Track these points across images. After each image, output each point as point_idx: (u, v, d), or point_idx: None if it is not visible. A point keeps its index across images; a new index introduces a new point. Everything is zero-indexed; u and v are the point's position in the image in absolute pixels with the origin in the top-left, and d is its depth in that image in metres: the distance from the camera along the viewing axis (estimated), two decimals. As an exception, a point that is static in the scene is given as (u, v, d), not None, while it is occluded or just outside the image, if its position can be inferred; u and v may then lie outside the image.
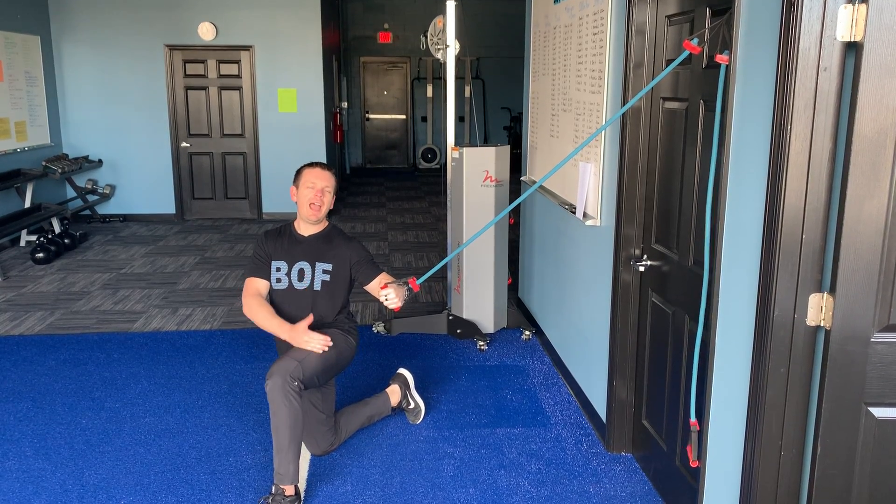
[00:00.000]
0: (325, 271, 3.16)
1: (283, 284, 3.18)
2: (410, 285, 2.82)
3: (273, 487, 2.88)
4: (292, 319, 3.13)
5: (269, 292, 3.23)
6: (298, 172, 3.20)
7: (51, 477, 3.13)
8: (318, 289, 3.17)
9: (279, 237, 3.26)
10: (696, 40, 2.24)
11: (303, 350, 2.99)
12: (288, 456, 2.86)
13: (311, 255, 3.19)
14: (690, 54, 2.54)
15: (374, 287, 3.19)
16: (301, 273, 3.17)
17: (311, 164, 3.21)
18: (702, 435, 2.40)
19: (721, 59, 2.12)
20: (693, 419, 2.38)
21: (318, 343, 2.96)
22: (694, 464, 2.41)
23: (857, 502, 1.96)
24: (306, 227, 3.23)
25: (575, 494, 3.01)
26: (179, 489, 3.04)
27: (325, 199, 3.16)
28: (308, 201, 3.13)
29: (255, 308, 3.12)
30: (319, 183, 3.14)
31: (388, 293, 2.78)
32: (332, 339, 3.07)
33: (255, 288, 3.18)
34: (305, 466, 3.22)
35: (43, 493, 3.00)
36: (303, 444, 3.31)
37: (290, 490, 2.87)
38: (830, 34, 1.77)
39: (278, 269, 3.19)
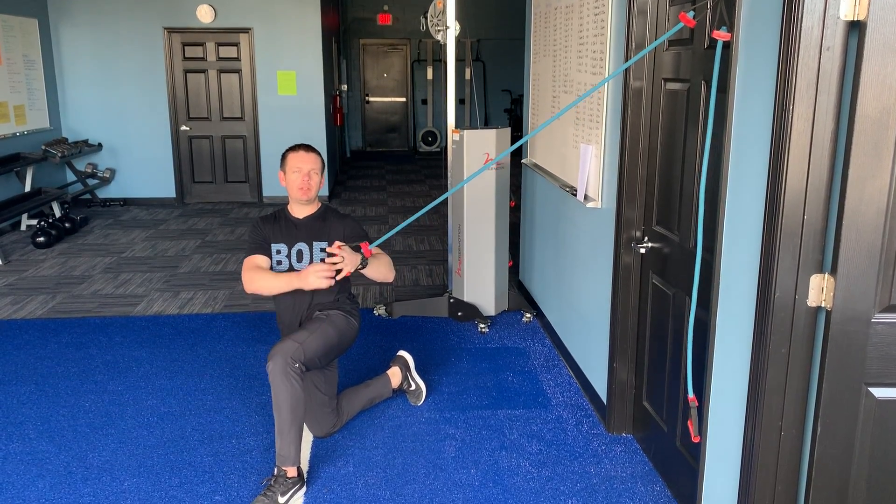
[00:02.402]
0: (322, 250, 3.17)
1: (284, 266, 3.19)
2: (363, 250, 2.78)
3: (275, 469, 2.89)
4: (294, 301, 3.17)
5: None
6: (284, 157, 3.20)
7: (54, 459, 3.15)
8: None
9: (275, 221, 3.26)
10: (692, 13, 2.22)
11: (304, 332, 3.00)
12: (289, 437, 2.88)
13: (308, 236, 3.20)
14: (692, 34, 2.53)
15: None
16: (300, 254, 3.18)
17: (295, 148, 3.20)
18: (702, 414, 2.41)
19: (719, 35, 2.10)
20: (691, 395, 2.39)
21: (324, 273, 2.94)
22: (695, 439, 2.42)
23: (856, 482, 1.97)
24: (300, 209, 3.24)
25: (576, 475, 3.03)
26: (182, 471, 3.06)
27: (312, 181, 3.15)
28: (297, 185, 3.14)
29: (257, 277, 3.08)
30: (305, 166, 3.13)
31: (336, 258, 2.76)
32: (333, 321, 3.10)
33: (254, 263, 3.14)
34: (308, 448, 3.23)
35: (47, 475, 3.03)
36: (305, 425, 3.33)
37: (292, 472, 2.89)
38: (833, 13, 1.76)
39: (278, 252, 3.19)
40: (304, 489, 2.93)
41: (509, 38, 12.72)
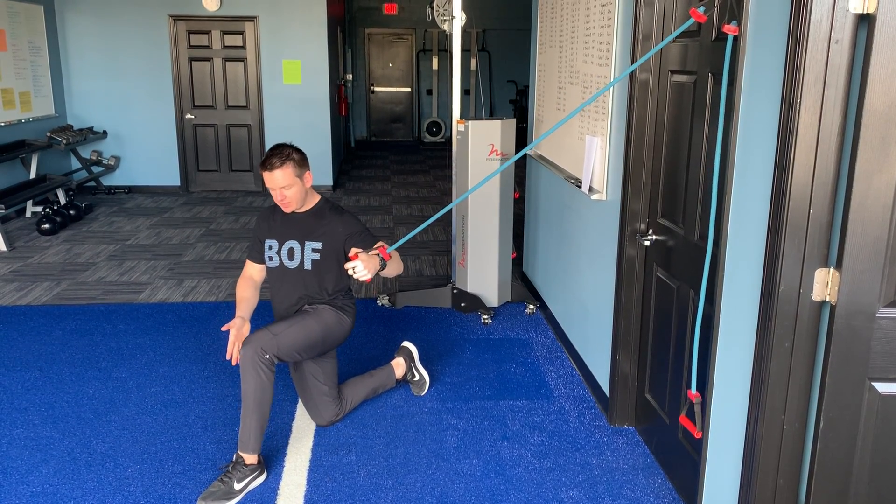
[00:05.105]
0: (314, 250, 3.13)
1: (275, 263, 3.18)
2: (381, 255, 2.65)
3: (235, 455, 2.90)
4: (288, 297, 3.19)
5: (267, 270, 3.25)
6: None
7: (59, 445, 3.17)
8: (309, 268, 3.15)
9: (272, 215, 3.24)
10: (702, 8, 2.21)
11: (283, 323, 3.03)
12: (251, 424, 2.89)
13: (300, 234, 3.14)
14: (700, 26, 2.52)
15: None
16: (291, 252, 3.16)
17: (263, 163, 3.02)
18: (704, 407, 2.41)
19: (729, 29, 2.09)
20: (694, 391, 2.39)
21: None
22: (695, 432, 2.42)
23: (858, 476, 1.98)
24: None
25: (577, 466, 3.03)
26: (185, 458, 3.08)
27: (288, 197, 3.04)
28: (276, 202, 3.09)
29: (238, 289, 3.28)
30: (276, 185, 3.01)
31: (355, 265, 2.53)
32: (320, 316, 3.12)
33: (248, 272, 3.33)
34: (310, 437, 3.25)
35: (51, 461, 3.04)
36: (308, 414, 3.34)
37: (251, 459, 2.88)
38: (843, 6, 1.74)
39: (270, 248, 3.18)
40: (263, 477, 2.92)
41: (515, 29, 12.67)
